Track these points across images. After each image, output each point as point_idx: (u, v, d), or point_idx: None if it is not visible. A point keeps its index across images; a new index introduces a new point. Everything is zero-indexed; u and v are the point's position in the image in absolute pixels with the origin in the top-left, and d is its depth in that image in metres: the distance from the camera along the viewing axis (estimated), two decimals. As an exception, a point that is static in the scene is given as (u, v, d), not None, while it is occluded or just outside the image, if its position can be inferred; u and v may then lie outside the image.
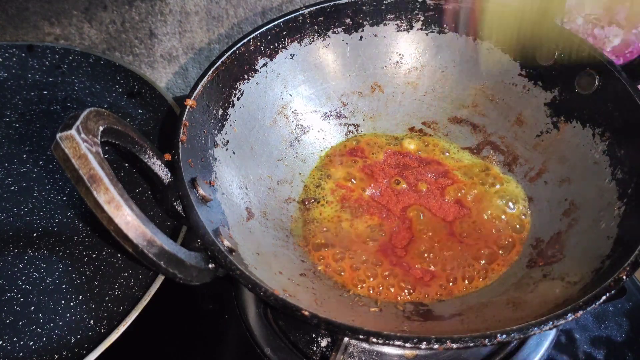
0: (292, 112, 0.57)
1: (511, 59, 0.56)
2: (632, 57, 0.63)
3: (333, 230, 0.50)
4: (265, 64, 0.54)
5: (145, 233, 0.32)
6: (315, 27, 0.57)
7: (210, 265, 0.38)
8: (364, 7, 0.57)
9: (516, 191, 0.52)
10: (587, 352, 0.50)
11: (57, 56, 0.64)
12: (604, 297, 0.35)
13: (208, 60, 0.73)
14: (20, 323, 0.43)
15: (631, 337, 0.51)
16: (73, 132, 0.31)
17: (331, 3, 0.56)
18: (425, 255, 0.48)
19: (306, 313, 0.34)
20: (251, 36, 0.52)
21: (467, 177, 0.54)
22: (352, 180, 0.54)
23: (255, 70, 0.54)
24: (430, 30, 0.58)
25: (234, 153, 0.50)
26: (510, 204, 0.51)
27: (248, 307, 0.51)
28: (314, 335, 0.48)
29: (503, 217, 0.50)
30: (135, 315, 0.42)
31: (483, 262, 0.47)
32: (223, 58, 0.50)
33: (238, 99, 0.52)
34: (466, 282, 0.46)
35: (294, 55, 0.56)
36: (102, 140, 0.35)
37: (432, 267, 0.47)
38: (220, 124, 0.50)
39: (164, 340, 0.50)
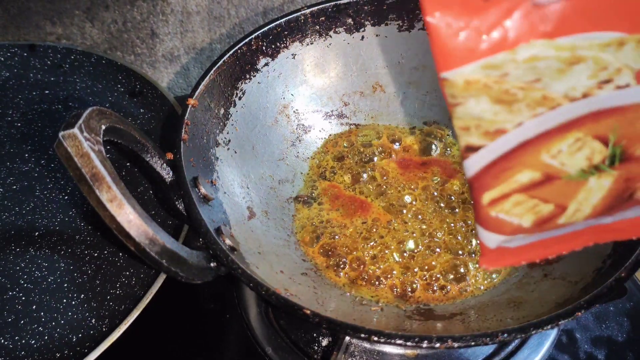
0: (294, 111, 0.57)
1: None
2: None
3: (330, 228, 0.50)
4: (266, 64, 0.54)
5: (147, 231, 0.32)
6: (317, 27, 0.57)
7: (211, 264, 0.38)
8: (366, 7, 0.57)
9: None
10: (588, 351, 0.50)
11: (59, 56, 0.64)
12: (604, 297, 0.35)
13: (209, 60, 0.73)
14: (22, 322, 0.43)
15: (632, 337, 0.51)
16: (75, 130, 0.31)
17: (332, 3, 0.56)
18: (427, 254, 0.48)
19: (308, 312, 0.34)
20: (253, 36, 0.53)
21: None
22: (349, 177, 0.54)
23: (257, 70, 0.54)
24: (432, 30, 0.58)
25: (235, 152, 0.50)
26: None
27: (249, 306, 0.51)
28: (315, 335, 0.48)
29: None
30: (136, 314, 0.42)
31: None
32: (224, 58, 0.50)
33: (240, 98, 0.52)
34: (469, 282, 0.46)
35: (295, 55, 0.57)
36: (105, 139, 0.35)
37: (434, 263, 0.47)
38: (221, 124, 0.50)
39: (165, 339, 0.50)
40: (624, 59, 0.24)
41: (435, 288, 0.46)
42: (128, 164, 0.55)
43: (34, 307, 0.44)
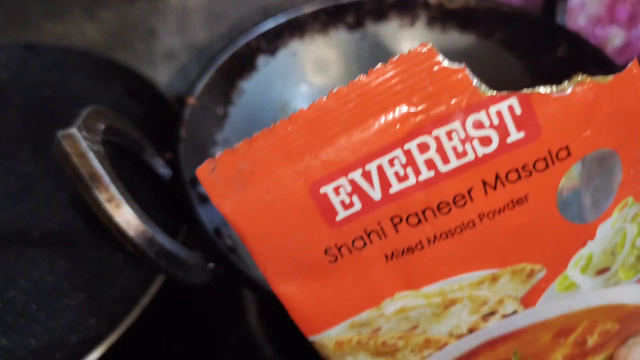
0: (294, 110, 0.57)
1: (514, 58, 0.56)
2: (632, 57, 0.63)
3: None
4: (266, 63, 0.54)
5: (145, 232, 0.32)
6: (317, 25, 0.56)
7: (211, 265, 0.38)
8: (366, 6, 0.57)
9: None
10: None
11: (59, 56, 0.64)
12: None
13: (209, 59, 0.73)
14: (22, 322, 0.43)
15: (634, 336, 0.51)
16: (74, 130, 0.31)
17: (333, 1, 0.56)
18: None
19: (307, 312, 0.34)
20: (252, 35, 0.53)
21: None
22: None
23: (257, 69, 0.54)
24: (433, 29, 0.58)
25: (235, 152, 0.50)
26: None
27: (249, 307, 0.51)
28: (315, 335, 0.48)
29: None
30: (136, 315, 0.42)
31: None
32: (224, 57, 0.50)
33: (239, 97, 0.52)
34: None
35: (295, 53, 0.56)
36: (103, 138, 0.35)
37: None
38: (220, 123, 0.50)
39: (165, 340, 0.50)
40: (502, 290, 0.23)
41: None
42: (127, 164, 0.55)
43: (34, 307, 0.44)
